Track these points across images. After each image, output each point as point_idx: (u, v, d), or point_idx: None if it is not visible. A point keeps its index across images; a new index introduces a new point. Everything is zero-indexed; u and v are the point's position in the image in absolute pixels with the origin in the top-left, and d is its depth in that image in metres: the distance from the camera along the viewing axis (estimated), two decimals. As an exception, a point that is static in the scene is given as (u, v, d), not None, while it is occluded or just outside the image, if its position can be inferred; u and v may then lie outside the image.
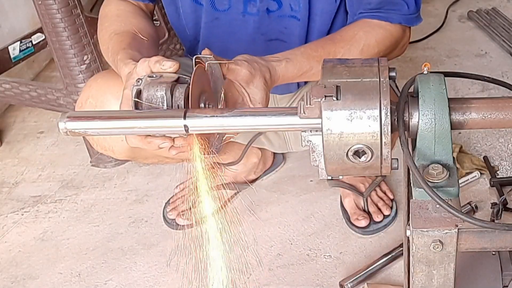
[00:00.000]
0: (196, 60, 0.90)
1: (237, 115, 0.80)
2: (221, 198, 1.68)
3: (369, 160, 0.73)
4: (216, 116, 0.80)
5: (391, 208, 1.61)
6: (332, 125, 0.72)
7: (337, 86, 0.73)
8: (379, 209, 1.60)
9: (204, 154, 0.91)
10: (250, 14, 1.34)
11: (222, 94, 0.96)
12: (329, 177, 0.78)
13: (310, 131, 0.77)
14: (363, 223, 1.56)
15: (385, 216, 1.59)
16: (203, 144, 0.90)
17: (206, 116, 0.80)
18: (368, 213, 1.59)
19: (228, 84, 0.99)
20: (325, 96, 0.72)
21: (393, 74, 0.75)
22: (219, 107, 0.96)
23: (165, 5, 1.40)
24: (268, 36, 1.38)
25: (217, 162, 1.66)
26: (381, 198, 1.62)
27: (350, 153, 0.73)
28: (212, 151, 0.94)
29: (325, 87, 0.73)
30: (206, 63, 0.91)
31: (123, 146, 1.34)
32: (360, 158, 0.73)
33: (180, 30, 1.44)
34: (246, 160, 1.69)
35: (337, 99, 0.72)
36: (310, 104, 0.74)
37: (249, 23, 1.35)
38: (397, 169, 0.76)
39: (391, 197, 1.64)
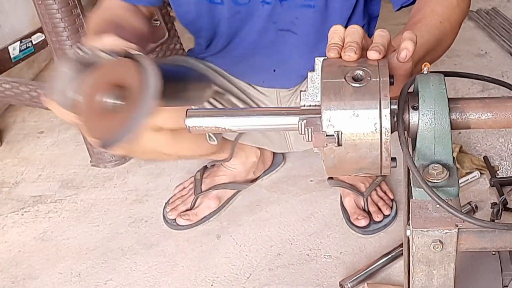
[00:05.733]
0: (134, 57, 0.87)
1: (237, 115, 0.80)
2: (221, 198, 1.69)
3: (367, 83, 0.72)
4: (216, 116, 0.80)
5: (391, 208, 1.61)
6: (332, 125, 0.72)
7: (337, 132, 0.73)
8: (379, 209, 1.60)
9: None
10: (268, 3, 1.35)
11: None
12: (325, 130, 0.76)
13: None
14: (363, 222, 1.56)
15: (385, 216, 1.59)
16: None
17: (206, 116, 0.80)
18: (368, 212, 1.59)
19: None
20: (327, 144, 0.73)
21: (391, 80, 0.75)
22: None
23: (175, 8, 1.40)
24: (279, 26, 1.38)
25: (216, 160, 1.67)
26: (381, 198, 1.62)
27: (348, 78, 0.73)
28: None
29: (326, 135, 0.73)
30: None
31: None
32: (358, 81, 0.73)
33: (194, 31, 1.45)
34: (245, 159, 1.70)
35: (338, 145, 0.73)
36: (313, 70, 0.74)
37: (265, 12, 1.36)
38: (395, 167, 0.76)
39: (391, 197, 1.64)
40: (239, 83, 1.54)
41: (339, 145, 0.73)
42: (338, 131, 0.73)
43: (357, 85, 0.72)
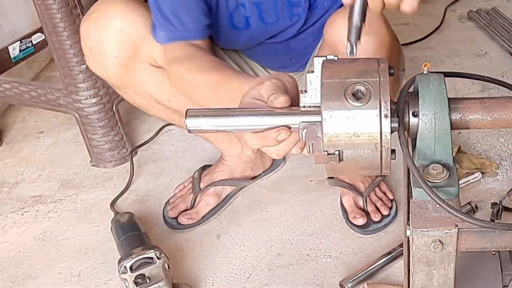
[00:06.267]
0: None
1: (237, 115, 0.80)
2: (220, 194, 1.69)
3: (367, 102, 0.72)
4: (216, 116, 0.80)
5: (390, 208, 1.61)
6: (332, 125, 0.72)
7: (339, 151, 0.74)
8: (378, 209, 1.60)
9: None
10: (296, 16, 1.39)
11: None
12: (325, 152, 0.76)
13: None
14: (360, 221, 1.56)
15: (384, 216, 1.59)
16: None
17: (206, 116, 0.80)
18: (367, 212, 1.59)
19: None
20: (327, 58, 0.75)
21: (391, 71, 0.76)
22: None
23: None
24: (309, 30, 1.44)
25: None
26: (380, 198, 1.62)
27: (348, 94, 0.73)
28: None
29: (328, 154, 0.74)
30: None
31: (115, 63, 1.40)
32: (358, 100, 0.73)
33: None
34: (240, 151, 1.70)
35: (339, 161, 0.74)
36: (312, 71, 0.76)
37: (297, 25, 1.41)
38: (395, 159, 0.76)
39: (391, 197, 1.64)
40: (251, 63, 1.57)
41: (340, 161, 0.74)
42: (339, 150, 0.73)
43: (358, 104, 0.72)
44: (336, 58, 0.77)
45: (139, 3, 1.39)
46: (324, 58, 0.77)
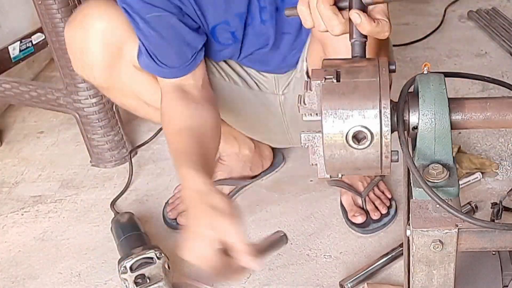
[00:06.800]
0: None
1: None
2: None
3: (369, 145, 0.72)
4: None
5: (389, 207, 1.61)
6: (331, 124, 0.72)
7: (337, 71, 0.73)
8: (376, 207, 1.60)
9: None
10: (267, 21, 1.38)
11: None
12: (328, 176, 0.78)
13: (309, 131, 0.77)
14: (359, 219, 1.56)
15: (384, 215, 1.59)
16: None
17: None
18: (366, 211, 1.59)
19: None
20: (325, 78, 0.73)
21: (392, 67, 0.75)
22: None
23: None
24: (279, 30, 1.42)
25: None
26: (378, 197, 1.63)
27: (349, 137, 0.73)
28: None
29: (325, 70, 0.73)
30: None
31: (101, 64, 1.41)
32: (359, 142, 0.73)
33: None
34: (238, 150, 1.70)
35: (337, 81, 0.73)
36: (310, 89, 0.74)
37: (270, 29, 1.39)
38: (397, 161, 0.76)
39: (389, 196, 1.64)
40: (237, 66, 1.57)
41: (337, 81, 0.73)
42: (341, 176, 0.76)
43: (360, 147, 0.73)
44: (334, 80, 0.74)
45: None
46: (322, 81, 0.74)
